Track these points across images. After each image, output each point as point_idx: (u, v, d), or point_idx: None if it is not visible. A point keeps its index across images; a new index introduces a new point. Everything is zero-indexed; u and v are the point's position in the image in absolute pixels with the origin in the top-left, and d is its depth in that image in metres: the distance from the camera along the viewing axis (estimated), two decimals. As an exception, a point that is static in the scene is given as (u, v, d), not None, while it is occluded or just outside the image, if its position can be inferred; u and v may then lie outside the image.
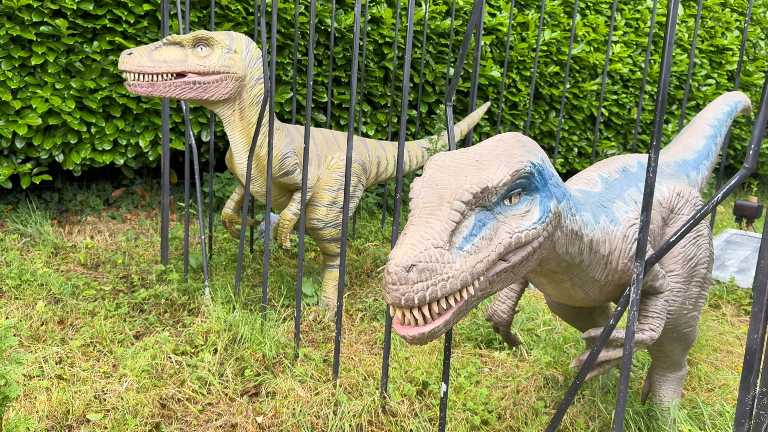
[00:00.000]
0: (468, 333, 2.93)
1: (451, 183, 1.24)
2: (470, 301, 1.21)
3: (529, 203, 1.28)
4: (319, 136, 3.07)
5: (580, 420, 2.12)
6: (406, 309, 1.14)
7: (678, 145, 2.34)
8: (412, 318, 1.15)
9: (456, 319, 1.20)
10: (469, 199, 1.18)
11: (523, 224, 1.25)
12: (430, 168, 1.32)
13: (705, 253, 1.91)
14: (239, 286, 3.00)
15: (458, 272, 1.14)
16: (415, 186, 1.27)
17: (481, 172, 1.24)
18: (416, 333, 1.15)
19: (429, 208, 1.21)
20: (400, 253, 1.12)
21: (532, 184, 1.28)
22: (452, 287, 1.14)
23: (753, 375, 1.26)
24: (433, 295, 1.12)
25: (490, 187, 1.21)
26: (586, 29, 5.67)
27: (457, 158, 1.32)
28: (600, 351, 1.52)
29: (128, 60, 2.45)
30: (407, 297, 1.10)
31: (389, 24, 4.65)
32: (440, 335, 1.19)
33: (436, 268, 1.12)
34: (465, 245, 1.18)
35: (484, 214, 1.23)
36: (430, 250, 1.12)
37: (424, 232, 1.15)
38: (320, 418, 2.13)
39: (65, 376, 2.27)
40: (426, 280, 1.11)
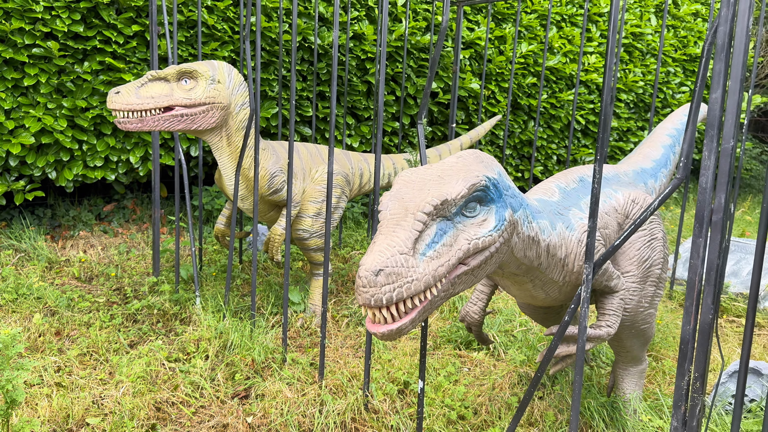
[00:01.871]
0: (448, 335, 3.08)
1: (415, 196, 1.39)
2: (434, 301, 1.36)
3: (486, 213, 1.44)
4: (303, 151, 3.22)
5: (550, 413, 2.27)
6: (376, 309, 1.28)
7: (637, 154, 2.50)
8: (382, 317, 1.30)
9: (421, 317, 1.35)
10: (430, 210, 1.34)
11: (480, 232, 1.41)
12: (397, 183, 1.47)
13: (659, 255, 2.08)
14: (229, 295, 3.13)
15: (421, 275, 1.29)
16: (384, 200, 1.42)
17: (442, 186, 1.40)
18: (385, 330, 1.30)
19: (395, 219, 1.36)
20: (369, 259, 1.27)
21: (488, 196, 1.44)
22: (416, 288, 1.29)
23: (687, 362, 1.42)
24: (399, 296, 1.26)
25: (449, 199, 1.36)
26: (562, 41, 5.87)
27: (422, 174, 1.48)
28: (557, 346, 1.67)
29: (116, 99, 2.56)
30: (376, 298, 1.25)
31: (371, 40, 4.82)
32: (408, 332, 1.34)
33: (402, 272, 1.27)
34: (428, 251, 1.33)
35: (445, 224, 1.38)
36: (396, 256, 1.27)
37: (390, 240, 1.30)
38: (307, 417, 2.26)
39: (64, 384, 2.39)
40: (393, 283, 1.26)
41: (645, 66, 6.73)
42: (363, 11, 4.84)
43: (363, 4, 4.86)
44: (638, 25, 6.52)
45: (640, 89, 6.62)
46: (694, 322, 1.40)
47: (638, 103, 6.83)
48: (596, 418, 2.19)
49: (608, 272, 1.86)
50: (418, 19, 5.13)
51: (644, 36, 6.61)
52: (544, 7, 5.80)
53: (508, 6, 5.58)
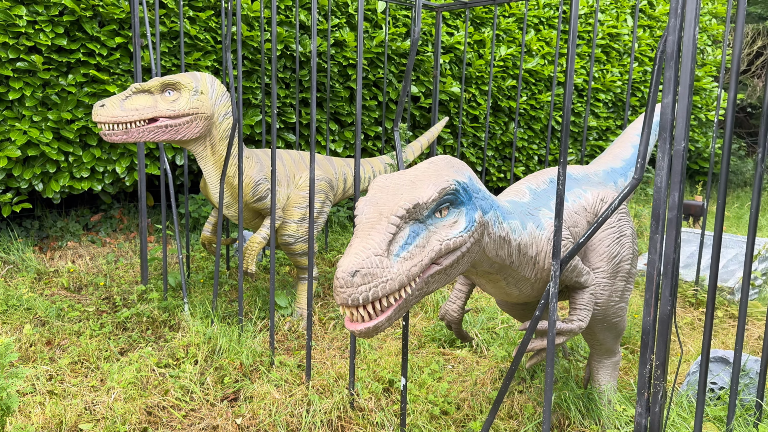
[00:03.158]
0: (432, 334, 3.16)
1: (389, 201, 1.47)
2: (409, 299, 1.44)
3: (456, 215, 1.52)
4: (286, 157, 3.29)
5: (529, 405, 2.36)
6: (353, 308, 1.36)
7: (608, 154, 2.60)
8: (359, 316, 1.38)
9: (397, 315, 1.43)
10: (403, 214, 1.42)
11: (451, 233, 1.49)
12: (372, 189, 1.55)
13: (628, 251, 2.17)
14: (217, 301, 3.19)
15: (396, 275, 1.37)
16: (359, 205, 1.50)
17: (414, 191, 1.48)
18: (363, 328, 1.38)
19: (370, 222, 1.44)
20: (346, 261, 1.34)
21: (458, 199, 1.52)
22: (391, 288, 1.36)
23: (648, 351, 1.51)
24: (374, 295, 1.34)
25: (420, 203, 1.44)
26: (540, 44, 5.99)
27: (395, 180, 1.56)
28: (529, 341, 1.76)
29: (101, 112, 2.62)
30: (353, 297, 1.33)
31: (352, 47, 4.90)
32: (384, 329, 1.42)
33: (377, 273, 1.35)
34: (401, 252, 1.41)
35: (418, 226, 1.46)
36: (371, 257, 1.35)
37: (366, 243, 1.38)
38: (294, 416, 2.33)
39: (56, 392, 2.45)
40: (368, 283, 1.34)
41: (623, 66, 6.86)
42: (344, 18, 4.92)
43: (343, 11, 4.94)
44: (615, 26, 6.66)
45: (618, 89, 6.75)
46: (654, 314, 1.49)
47: (616, 102, 6.97)
48: (573, 410, 2.27)
49: (578, 269, 1.95)
50: (398, 25, 5.22)
51: (621, 36, 6.75)
52: (521, 10, 5.92)
53: (487, 10, 5.69)
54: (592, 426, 2.24)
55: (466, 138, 5.88)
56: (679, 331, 3.34)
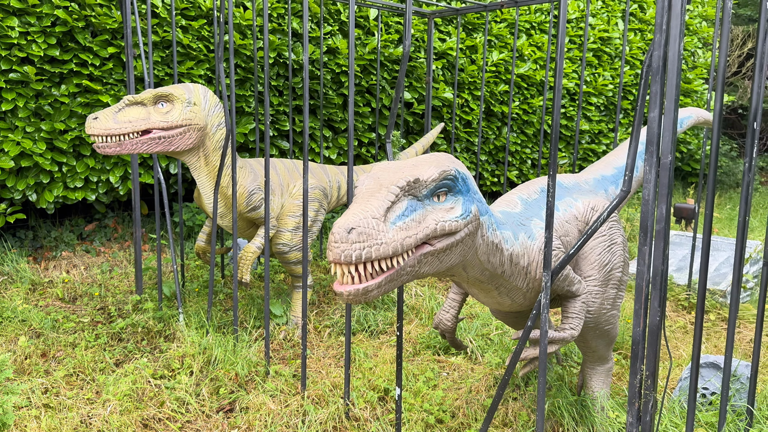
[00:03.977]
0: (427, 341, 3.18)
1: (390, 175, 1.49)
2: (401, 273, 1.43)
3: (454, 202, 1.53)
4: (280, 167, 3.30)
5: (523, 413, 2.37)
6: (345, 265, 1.36)
7: (601, 162, 2.62)
8: (349, 276, 1.37)
9: (387, 285, 1.41)
10: (403, 185, 1.43)
11: (447, 216, 1.50)
12: (375, 167, 1.57)
13: (619, 259, 2.19)
14: (212, 311, 3.20)
15: (390, 240, 1.38)
16: (361, 178, 1.53)
17: (415, 169, 1.50)
18: (352, 289, 1.37)
19: (370, 191, 1.45)
20: (343, 219, 1.35)
21: (456, 186, 1.54)
22: (384, 252, 1.36)
23: (638, 361, 1.52)
24: (368, 255, 1.34)
25: (421, 179, 1.46)
26: (531, 48, 6.02)
27: (398, 163, 1.58)
28: (521, 350, 1.78)
29: (95, 125, 2.63)
30: (346, 254, 1.33)
31: (345, 54, 4.92)
32: (373, 297, 1.41)
33: (372, 234, 1.35)
34: (398, 221, 1.41)
35: (415, 203, 1.47)
36: (368, 219, 1.36)
37: (364, 206, 1.39)
38: (290, 427, 2.34)
39: (52, 405, 2.45)
40: (363, 242, 1.34)
41: (614, 69, 6.91)
42: (336, 26, 4.94)
43: (336, 19, 4.96)
44: (606, 29, 6.70)
45: (609, 92, 6.79)
46: (644, 324, 1.51)
47: (608, 105, 7.01)
48: (566, 417, 2.29)
49: (569, 278, 1.97)
50: (390, 32, 5.25)
51: (612, 40, 6.79)
52: (513, 15, 5.95)
53: (478, 16, 5.72)
54: (586, 433, 2.26)
55: (460, 143, 5.90)
56: (672, 336, 3.37)
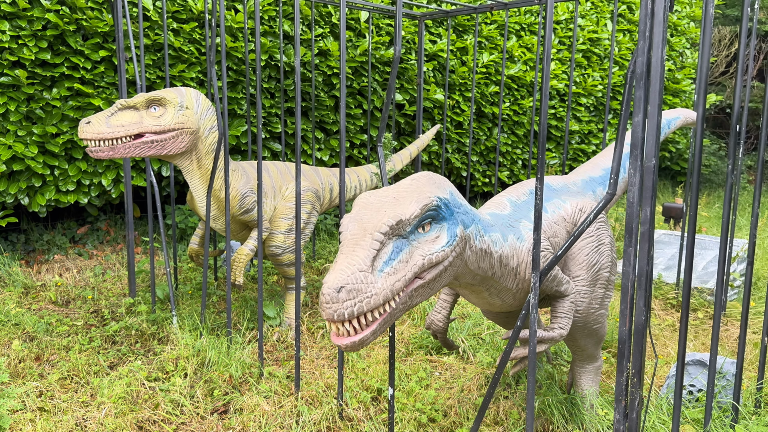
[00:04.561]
0: (420, 342, 3.21)
1: (373, 217, 1.51)
2: (393, 313, 1.48)
3: (438, 230, 1.57)
4: (273, 169, 3.32)
5: (514, 411, 2.41)
6: (339, 323, 1.40)
7: (589, 164, 2.66)
8: (345, 330, 1.42)
9: (382, 328, 1.47)
10: (386, 230, 1.46)
11: (433, 248, 1.54)
12: (356, 206, 1.60)
13: (607, 259, 2.23)
14: (205, 313, 3.22)
15: (380, 290, 1.41)
16: (344, 221, 1.54)
17: (397, 207, 1.52)
18: (349, 342, 1.42)
19: (355, 239, 1.48)
20: (332, 277, 1.39)
21: (440, 214, 1.57)
22: (375, 303, 1.41)
23: (625, 360, 1.56)
24: (359, 310, 1.38)
25: (403, 219, 1.49)
26: (521, 50, 6.07)
27: (379, 197, 1.60)
28: (511, 350, 1.81)
29: (87, 129, 2.64)
30: (339, 313, 1.37)
31: (336, 56, 4.95)
32: (369, 342, 1.46)
33: (361, 288, 1.39)
34: (385, 267, 1.45)
35: (401, 242, 1.50)
36: (355, 273, 1.39)
37: (350, 259, 1.42)
38: (284, 428, 2.37)
39: (47, 408, 2.46)
40: (353, 299, 1.38)
41: (603, 70, 6.97)
42: (327, 28, 4.96)
43: (327, 21, 4.99)
44: (595, 30, 6.76)
45: (599, 93, 6.85)
46: (629, 324, 1.55)
47: (598, 106, 7.07)
48: (556, 415, 2.33)
49: (558, 278, 2.01)
50: (381, 33, 5.28)
51: (601, 41, 6.85)
52: (503, 17, 5.99)
53: (469, 18, 5.76)
54: (576, 430, 2.29)
55: (451, 144, 5.94)
56: (661, 334, 3.42)
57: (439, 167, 6.00)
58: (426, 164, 5.97)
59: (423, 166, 5.96)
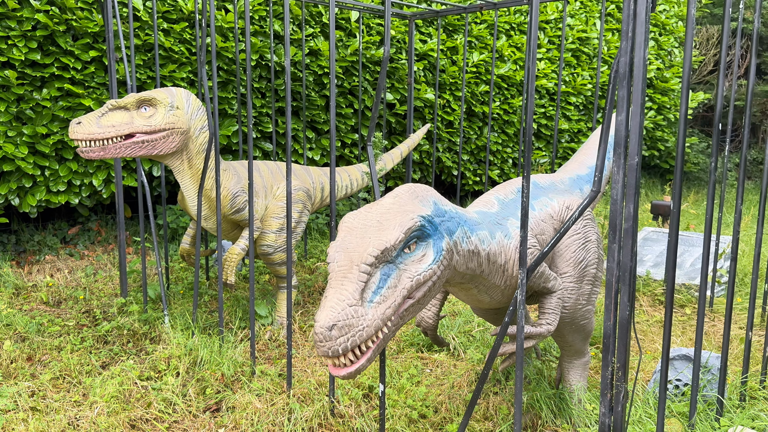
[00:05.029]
0: (411, 339, 3.23)
1: (358, 246, 1.53)
2: (386, 337, 1.52)
3: (424, 248, 1.60)
4: (264, 169, 3.34)
5: (503, 407, 2.44)
6: (335, 359, 1.44)
7: (574, 162, 2.70)
8: (341, 363, 1.45)
9: (376, 354, 1.51)
10: (372, 261, 1.49)
11: (420, 267, 1.56)
12: (342, 231, 1.62)
13: (593, 256, 2.26)
14: (197, 312, 3.23)
15: (371, 321, 1.45)
16: (331, 251, 1.57)
17: (381, 233, 1.54)
18: (345, 373, 1.46)
19: (342, 271, 1.50)
20: (323, 315, 1.42)
21: (425, 233, 1.60)
22: (368, 334, 1.44)
23: (609, 354, 1.59)
24: (353, 344, 1.42)
25: (388, 247, 1.51)
26: (511, 49, 6.11)
27: (363, 220, 1.62)
28: (499, 345, 1.84)
29: (78, 129, 2.65)
30: (333, 350, 1.41)
31: (327, 56, 4.96)
32: (366, 368, 1.50)
33: (353, 323, 1.42)
34: (374, 297, 1.48)
35: (388, 267, 1.53)
36: (345, 309, 1.42)
37: (340, 294, 1.45)
38: (276, 425, 2.39)
39: (39, 408, 2.47)
40: (346, 334, 1.41)
41: (593, 69, 7.02)
42: (318, 28, 4.98)
43: (317, 21, 5.00)
44: (584, 30, 6.81)
45: (588, 92, 6.90)
46: (614, 318, 1.58)
47: (587, 105, 7.12)
48: (545, 410, 2.36)
49: (545, 275, 2.04)
50: (371, 33, 5.30)
51: (591, 40, 6.90)
52: (493, 17, 6.03)
53: (459, 17, 5.79)
54: (564, 425, 2.33)
55: (442, 143, 5.97)
56: (649, 330, 3.46)
57: (430, 166, 6.03)
58: (417, 163, 6.00)
59: (414, 165, 5.99)
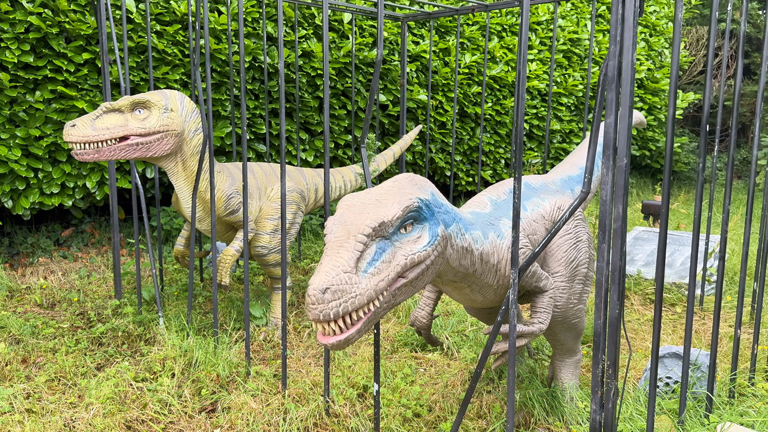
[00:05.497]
0: (405, 339, 3.26)
1: (356, 219, 1.56)
2: (378, 312, 1.53)
3: (420, 230, 1.62)
4: (258, 170, 3.36)
5: (497, 405, 2.47)
6: (325, 323, 1.45)
7: (566, 163, 2.73)
8: (331, 330, 1.46)
9: (367, 327, 1.52)
10: (369, 232, 1.51)
11: (415, 247, 1.59)
12: (340, 208, 1.64)
13: (584, 256, 2.30)
14: (192, 314, 3.24)
15: (364, 290, 1.46)
16: (329, 224, 1.59)
17: (379, 209, 1.57)
18: (334, 341, 1.46)
19: (339, 241, 1.52)
20: (317, 279, 1.43)
21: (421, 215, 1.62)
22: (359, 302, 1.45)
23: (600, 352, 1.62)
24: (344, 310, 1.43)
25: (385, 221, 1.54)
26: (503, 51, 6.15)
27: (362, 199, 1.65)
28: (492, 344, 1.87)
29: (72, 132, 2.66)
30: (324, 313, 1.42)
31: (320, 57, 4.98)
32: (355, 341, 1.51)
33: (346, 289, 1.43)
34: (369, 268, 1.50)
35: (384, 243, 1.55)
36: (340, 275, 1.44)
37: (335, 261, 1.47)
38: (271, 425, 2.41)
39: (35, 410, 2.48)
40: (338, 299, 1.42)
41: (584, 70, 7.07)
42: (311, 30, 5.00)
43: (310, 23, 5.02)
44: (575, 31, 6.86)
45: (579, 92, 6.95)
46: (604, 317, 1.61)
47: (579, 105, 7.17)
48: (537, 407, 2.39)
49: (537, 274, 2.07)
50: (364, 35, 5.32)
51: (582, 41, 6.95)
52: (484, 18, 6.07)
53: (451, 19, 5.82)
54: (556, 422, 2.36)
55: (435, 144, 6.00)
56: (640, 328, 3.50)
57: (423, 167, 6.06)
58: (410, 164, 6.02)
59: (407, 166, 6.02)
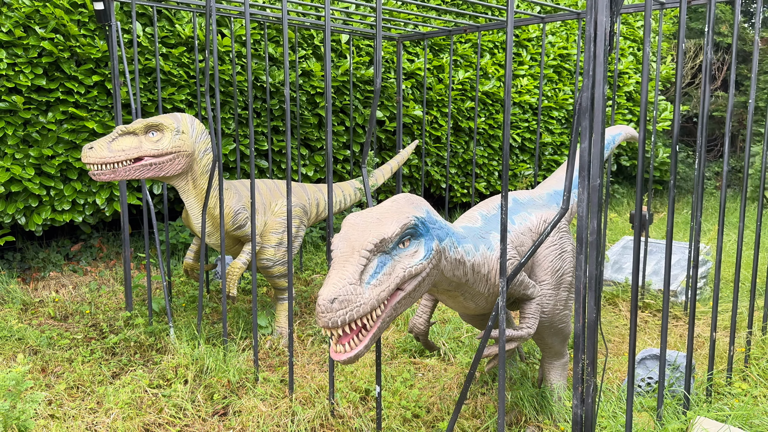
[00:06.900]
0: (404, 345, 3.44)
1: (359, 236, 1.75)
2: (381, 326, 1.73)
3: (417, 245, 1.81)
4: (262, 187, 3.54)
5: (490, 405, 2.65)
6: (334, 330, 1.63)
7: (552, 179, 2.92)
8: (341, 341, 1.65)
9: (372, 341, 1.71)
10: (371, 248, 1.70)
11: (413, 261, 1.77)
12: (345, 226, 1.83)
13: (569, 265, 2.48)
14: (201, 324, 3.41)
15: (368, 300, 1.65)
16: (335, 241, 1.78)
17: (380, 227, 1.76)
18: (345, 357, 1.66)
19: (345, 256, 1.71)
20: (326, 290, 1.62)
21: (417, 231, 1.81)
22: (364, 310, 1.64)
23: (580, 352, 1.81)
24: (350, 318, 1.62)
25: (386, 237, 1.73)
26: (494, 67, 6.37)
27: (364, 217, 1.84)
28: (483, 348, 2.05)
29: (90, 154, 2.85)
30: (333, 321, 1.61)
31: (319, 76, 5.19)
32: (363, 355, 1.70)
33: (351, 299, 1.62)
34: (371, 280, 1.69)
35: (385, 257, 1.74)
36: (346, 286, 1.63)
37: (341, 274, 1.66)
38: (280, 426, 2.58)
39: (57, 415, 2.64)
40: (345, 308, 1.61)
41: (574, 84, 7.29)
42: (310, 50, 5.20)
43: (309, 43, 5.23)
44: (565, 47, 7.09)
45: (570, 106, 7.17)
46: (583, 320, 1.80)
47: (569, 118, 7.39)
48: (527, 407, 2.57)
49: (524, 283, 2.25)
50: (361, 54, 5.53)
51: (571, 57, 7.18)
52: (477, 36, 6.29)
53: (444, 37, 6.04)
54: (546, 421, 2.54)
55: (430, 157, 6.20)
56: (626, 333, 3.68)
57: (420, 180, 6.26)
58: (407, 177, 6.22)
59: (404, 179, 6.21)
